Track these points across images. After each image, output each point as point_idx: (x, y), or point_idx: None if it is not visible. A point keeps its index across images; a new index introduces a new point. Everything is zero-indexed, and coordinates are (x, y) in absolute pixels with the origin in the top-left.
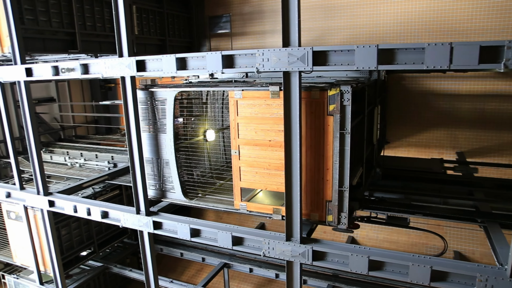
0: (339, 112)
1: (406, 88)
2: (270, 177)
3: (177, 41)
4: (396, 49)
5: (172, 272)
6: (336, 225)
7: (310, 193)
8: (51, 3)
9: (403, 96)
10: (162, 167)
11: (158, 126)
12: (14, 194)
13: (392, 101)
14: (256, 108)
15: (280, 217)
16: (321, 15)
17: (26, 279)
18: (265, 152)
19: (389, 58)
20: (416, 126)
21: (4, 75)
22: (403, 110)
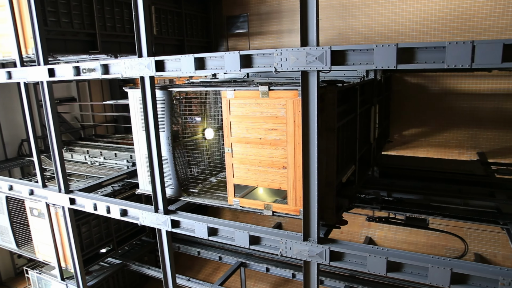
0: (324, 111)
1: (424, 87)
2: (261, 173)
3: (195, 41)
4: (416, 48)
5: (189, 271)
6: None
7: (298, 190)
8: (73, 4)
9: (421, 95)
10: None
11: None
12: (37, 192)
13: (406, 100)
14: (247, 107)
15: (270, 212)
16: (338, 14)
17: (48, 274)
18: (256, 150)
19: (408, 57)
20: (435, 126)
21: (28, 75)
22: (421, 110)
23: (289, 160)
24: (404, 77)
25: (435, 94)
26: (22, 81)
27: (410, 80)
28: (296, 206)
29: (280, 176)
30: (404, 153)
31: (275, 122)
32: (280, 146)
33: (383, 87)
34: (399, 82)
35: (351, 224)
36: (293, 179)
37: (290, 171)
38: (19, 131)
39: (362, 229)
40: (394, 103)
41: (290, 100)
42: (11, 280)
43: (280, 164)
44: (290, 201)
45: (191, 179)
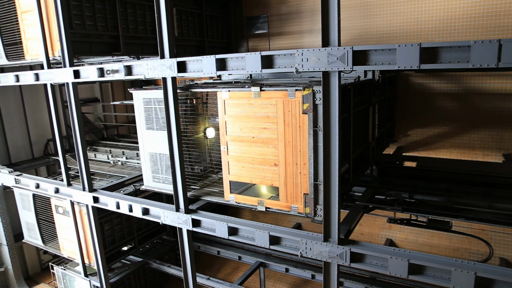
0: (312, 111)
1: (443, 87)
2: (254, 171)
3: (215, 42)
4: (440, 48)
5: (208, 270)
6: (313, 216)
7: (290, 186)
8: (97, 7)
9: (440, 96)
10: None
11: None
12: (62, 190)
13: (421, 101)
14: (241, 107)
15: (263, 208)
16: (358, 14)
17: (72, 270)
18: (249, 148)
19: (432, 57)
20: (458, 127)
21: (54, 77)
22: (442, 110)
23: (280, 158)
24: (417, 77)
25: (457, 94)
26: (48, 83)
27: (423, 80)
28: (287, 202)
29: (272, 173)
30: (426, 154)
31: (266, 122)
32: (271, 144)
33: (386, 87)
34: (413, 82)
35: (371, 225)
36: (284, 176)
37: (281, 168)
38: (45, 131)
39: (382, 231)
40: (406, 104)
41: (280, 100)
42: (37, 275)
43: (272, 161)
44: (282, 198)
45: (192, 176)
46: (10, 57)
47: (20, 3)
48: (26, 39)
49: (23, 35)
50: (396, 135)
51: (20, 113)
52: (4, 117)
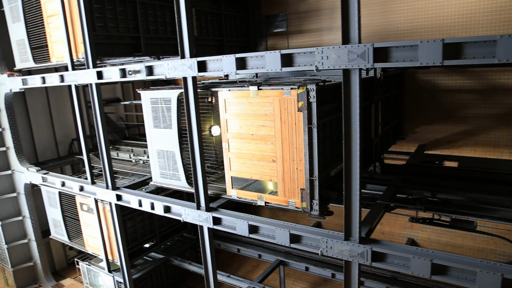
0: (306, 108)
1: (467, 83)
2: (254, 167)
3: (234, 41)
4: (464, 43)
5: (228, 267)
6: (309, 211)
7: (287, 182)
8: (119, 10)
9: (460, 93)
10: None
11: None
12: (86, 188)
13: (438, 98)
14: (241, 105)
15: (263, 203)
16: (378, 10)
17: (96, 266)
18: (249, 145)
19: (455, 53)
20: (482, 124)
21: (78, 78)
22: (465, 108)
23: (277, 154)
24: (425, 74)
25: (480, 90)
26: (73, 84)
27: (434, 77)
28: (285, 197)
29: (270, 169)
30: (449, 152)
31: (264, 119)
32: (269, 141)
33: (391, 85)
34: (422, 79)
35: (392, 225)
36: (281, 172)
37: (278, 164)
38: (69, 130)
39: (404, 230)
40: (419, 101)
41: (276, 98)
42: (63, 270)
43: (270, 158)
44: (280, 193)
45: None
46: (37, 60)
47: (46, 8)
48: (52, 42)
49: (49, 38)
50: (405, 132)
51: (46, 113)
52: (31, 118)
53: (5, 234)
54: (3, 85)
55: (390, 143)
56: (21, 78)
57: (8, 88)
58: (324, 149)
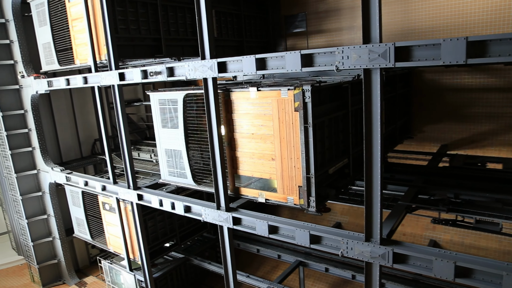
0: (302, 108)
1: (490, 82)
2: (255, 165)
3: (253, 42)
4: (489, 41)
5: (248, 267)
6: (306, 207)
7: (286, 179)
8: (140, 12)
9: (486, 92)
10: None
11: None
12: (109, 188)
13: (466, 98)
14: (242, 106)
15: (263, 199)
16: (399, 8)
17: (118, 264)
18: (250, 144)
19: (479, 51)
20: (509, 124)
21: (101, 80)
22: (490, 107)
23: (276, 152)
24: (432, 73)
25: (505, 89)
26: (96, 85)
27: (464, 75)
28: (284, 194)
29: (270, 167)
30: (473, 153)
31: (264, 119)
32: (268, 140)
33: (397, 84)
34: (432, 78)
35: (414, 226)
36: (280, 169)
37: (277, 162)
38: (92, 131)
39: (426, 231)
40: (434, 100)
41: (275, 99)
42: (86, 267)
43: (270, 156)
44: (279, 190)
45: (202, 170)
46: (62, 62)
47: (71, 11)
48: (76, 44)
49: (73, 41)
50: (413, 132)
51: (70, 114)
52: (56, 119)
53: (31, 232)
54: (29, 87)
55: (397, 142)
56: (46, 80)
57: (34, 90)
58: (322, 148)
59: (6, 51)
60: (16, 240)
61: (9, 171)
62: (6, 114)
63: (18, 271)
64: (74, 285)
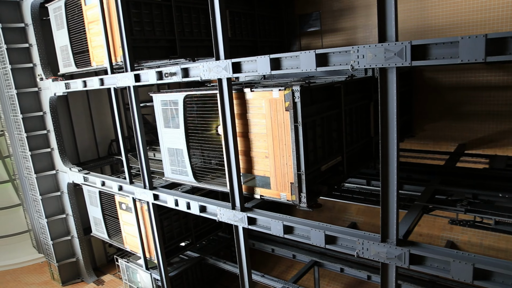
0: (292, 108)
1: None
2: (250, 163)
3: (267, 41)
4: (509, 38)
5: (263, 267)
6: (298, 203)
7: (278, 176)
8: (155, 14)
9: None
10: None
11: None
12: (125, 188)
13: (485, 96)
14: (238, 106)
15: (258, 196)
16: (415, 5)
17: (134, 263)
18: (245, 142)
19: (500, 48)
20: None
21: (117, 81)
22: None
23: (269, 150)
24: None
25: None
26: (112, 87)
27: (483, 73)
28: (277, 190)
29: (264, 164)
30: (491, 152)
31: (258, 118)
32: (262, 139)
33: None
34: (435, 76)
35: (430, 226)
36: (273, 167)
37: (270, 160)
38: (108, 132)
39: (443, 232)
40: (444, 99)
41: (267, 99)
42: (103, 266)
43: (263, 154)
44: (273, 186)
45: (202, 168)
46: (79, 65)
47: (87, 14)
48: (92, 47)
49: (90, 44)
50: (415, 130)
51: (87, 116)
52: (73, 120)
53: (50, 230)
54: (48, 89)
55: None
56: (64, 82)
57: (52, 92)
58: (315, 146)
59: (25, 55)
60: (37, 239)
61: (29, 172)
62: (26, 116)
63: (39, 269)
64: (92, 283)
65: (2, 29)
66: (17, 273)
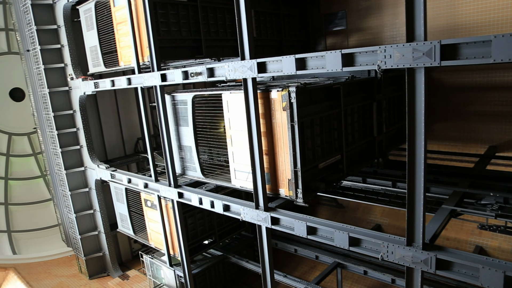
0: (288, 108)
1: None
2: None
3: (292, 41)
4: None
5: (285, 267)
6: (295, 199)
7: (277, 173)
8: (181, 14)
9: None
10: None
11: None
12: (151, 185)
13: None
14: (240, 105)
15: None
16: (445, 3)
17: (159, 260)
18: (246, 140)
19: None
20: None
21: (144, 81)
22: None
23: (268, 148)
24: None
25: None
26: (139, 86)
27: None
28: (276, 186)
29: (264, 161)
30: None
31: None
32: (262, 137)
33: (403, 84)
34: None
35: (458, 231)
36: (272, 163)
37: (270, 157)
38: (135, 130)
39: (471, 237)
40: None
41: (266, 99)
42: (128, 261)
43: (263, 151)
44: (272, 182)
45: (209, 165)
46: (107, 64)
47: (116, 15)
48: (120, 47)
49: (118, 44)
50: None
51: (114, 114)
52: (102, 119)
53: (78, 225)
54: (78, 88)
55: (404, 140)
56: (93, 82)
57: (82, 91)
58: (313, 144)
59: (57, 55)
60: (66, 233)
61: (60, 168)
62: (57, 114)
63: (68, 262)
64: (118, 277)
65: (36, 31)
66: (47, 265)
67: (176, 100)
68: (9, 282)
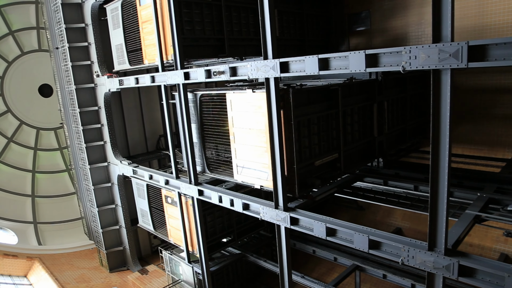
0: (286, 107)
1: None
2: (253, 156)
3: (314, 41)
4: None
5: (303, 268)
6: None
7: (274, 169)
8: (205, 13)
9: None
10: None
11: None
12: (171, 182)
13: None
14: (242, 105)
15: (259, 186)
16: (473, 1)
17: (177, 256)
18: (248, 137)
19: None
20: None
21: (168, 79)
22: None
23: (267, 145)
24: None
25: None
26: (162, 84)
27: None
28: None
29: (264, 157)
30: None
31: (259, 116)
32: (262, 134)
33: (408, 85)
34: None
35: (482, 237)
36: (270, 161)
37: (268, 153)
38: (157, 127)
39: (496, 244)
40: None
41: (263, 99)
42: (148, 256)
43: (263, 148)
44: (270, 178)
45: (214, 160)
46: (132, 62)
47: (141, 14)
48: (145, 45)
49: (143, 42)
50: None
51: (137, 111)
52: (125, 115)
53: (101, 219)
54: (103, 86)
55: (406, 141)
56: (118, 79)
57: (107, 88)
58: (309, 142)
59: (84, 53)
60: (88, 226)
61: (84, 163)
62: (83, 110)
63: (89, 254)
64: (137, 271)
65: (66, 29)
66: (70, 256)
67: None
68: (34, 272)
